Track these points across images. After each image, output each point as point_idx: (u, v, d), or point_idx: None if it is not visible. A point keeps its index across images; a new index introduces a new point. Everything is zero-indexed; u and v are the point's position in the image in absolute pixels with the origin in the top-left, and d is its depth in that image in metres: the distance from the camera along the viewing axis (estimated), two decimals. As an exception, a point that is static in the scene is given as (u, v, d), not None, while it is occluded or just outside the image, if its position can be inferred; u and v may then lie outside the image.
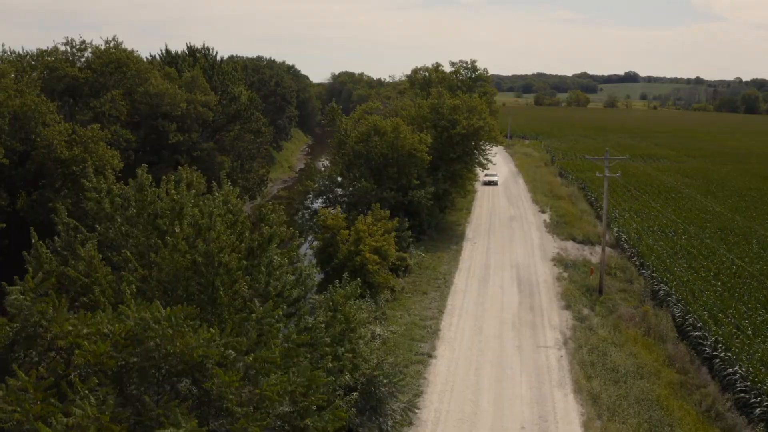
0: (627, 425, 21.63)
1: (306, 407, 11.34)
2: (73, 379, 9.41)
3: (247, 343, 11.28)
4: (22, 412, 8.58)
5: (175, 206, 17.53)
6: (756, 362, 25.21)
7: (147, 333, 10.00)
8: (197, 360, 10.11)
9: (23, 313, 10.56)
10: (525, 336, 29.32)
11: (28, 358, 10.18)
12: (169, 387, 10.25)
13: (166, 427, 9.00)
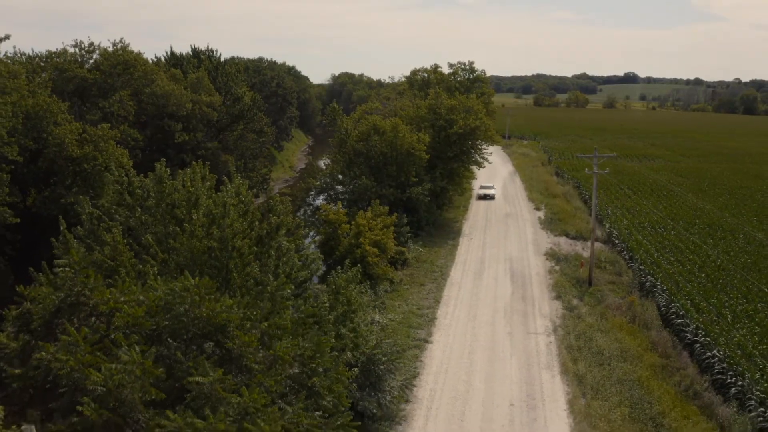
0: (609, 402, 23.27)
1: (313, 369, 12.95)
2: (115, 336, 11.02)
3: (261, 313, 12.88)
4: (75, 361, 10.17)
5: (191, 197, 19.14)
6: (733, 346, 26.83)
7: (177, 300, 11.60)
8: (221, 323, 11.71)
9: (68, 284, 12.18)
10: (516, 323, 30.94)
11: (71, 323, 11.75)
12: (195, 347, 11.84)
13: (195, 376, 10.61)
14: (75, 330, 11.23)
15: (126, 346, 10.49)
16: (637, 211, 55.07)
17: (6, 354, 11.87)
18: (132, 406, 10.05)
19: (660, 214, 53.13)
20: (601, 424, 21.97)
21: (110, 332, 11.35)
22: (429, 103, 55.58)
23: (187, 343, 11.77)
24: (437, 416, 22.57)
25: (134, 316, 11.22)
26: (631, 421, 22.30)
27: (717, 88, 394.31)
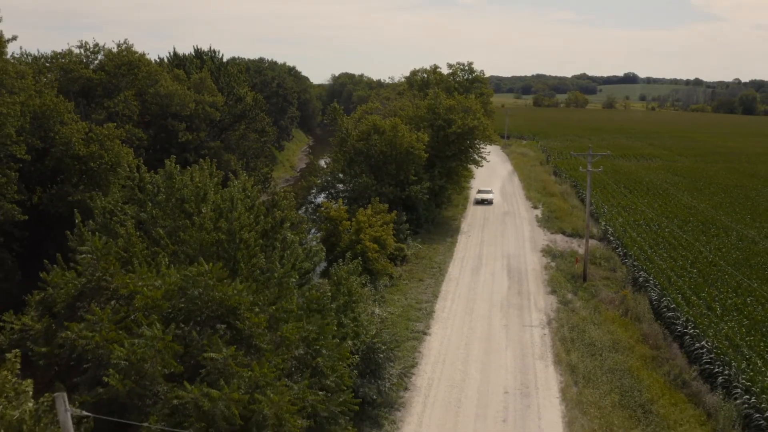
0: (600, 390, 24.21)
1: (317, 350, 13.86)
2: (137, 316, 11.93)
3: (269, 298, 13.79)
4: (99, 337, 11.08)
5: (200, 192, 20.07)
6: (722, 338, 27.77)
7: (192, 284, 12.53)
8: (233, 305, 12.63)
9: (90, 269, 13.09)
10: (512, 316, 31.87)
11: (92, 306, 12.66)
12: (209, 328, 12.74)
13: (209, 352, 11.52)
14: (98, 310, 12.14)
15: (146, 325, 11.41)
16: (633, 209, 56.00)
17: (31, 335, 12.78)
18: (153, 379, 10.97)
19: (655, 213, 54.08)
20: (592, 410, 22.89)
21: (130, 313, 12.27)
22: (428, 103, 56.50)
23: (201, 324, 12.68)
24: (434, 403, 23.50)
25: (153, 298, 12.15)
26: (620, 407, 23.23)
27: (717, 88, 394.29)
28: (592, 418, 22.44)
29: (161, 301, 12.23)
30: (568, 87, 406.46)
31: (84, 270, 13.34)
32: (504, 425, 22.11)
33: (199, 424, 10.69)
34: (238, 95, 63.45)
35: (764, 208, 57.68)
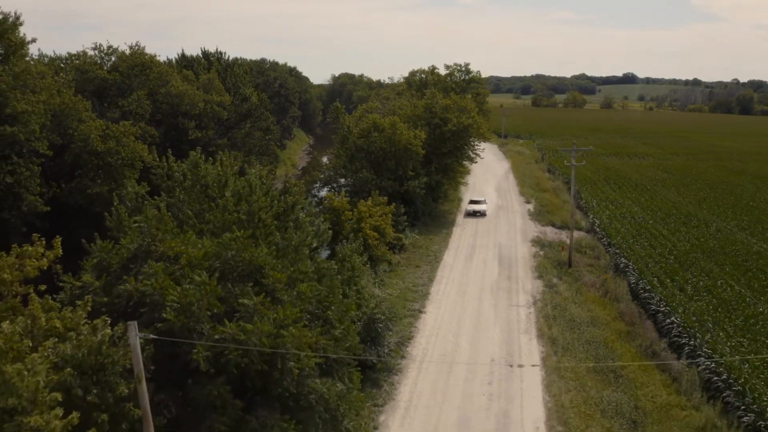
0: (576, 358, 27.05)
1: (327, 305, 16.67)
2: (184, 270, 14.69)
3: (288, 262, 16.59)
4: (155, 284, 13.85)
5: (221, 178, 22.89)
6: (690, 314, 30.60)
7: (226, 248, 15.32)
8: (260, 264, 15.41)
9: (142, 234, 15.89)
10: (501, 298, 34.71)
11: (150, 262, 15.40)
12: (240, 283, 15.48)
13: (242, 299, 14.31)
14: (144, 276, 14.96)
15: (193, 276, 14.21)
16: (620, 204, 58.85)
17: (91, 290, 15.54)
18: (199, 318, 13.72)
19: (640, 207, 56.95)
20: (568, 374, 25.72)
21: (177, 270, 15.02)
22: (425, 102, 59.34)
23: (234, 280, 15.44)
24: (428, 369, 26.33)
25: (196, 257, 14.91)
26: (594, 372, 26.05)
27: (715, 88, 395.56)
28: (567, 381, 25.26)
29: (202, 261, 14.99)
30: (567, 87, 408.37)
31: (136, 237, 16.13)
32: (489, 387, 24.93)
33: (236, 353, 13.46)
34: (244, 95, 66.30)
35: (746, 202, 60.55)
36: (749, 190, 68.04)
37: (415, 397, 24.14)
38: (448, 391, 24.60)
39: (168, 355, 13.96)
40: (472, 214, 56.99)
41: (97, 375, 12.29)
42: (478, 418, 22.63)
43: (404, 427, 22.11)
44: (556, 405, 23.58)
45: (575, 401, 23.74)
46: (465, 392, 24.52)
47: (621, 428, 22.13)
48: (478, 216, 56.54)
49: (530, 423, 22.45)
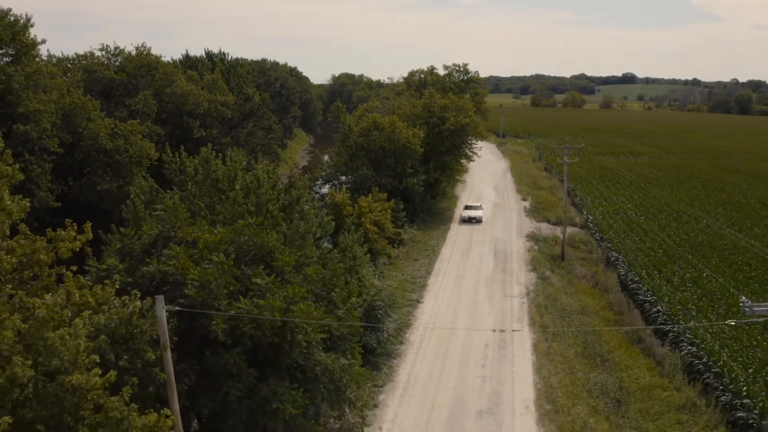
0: (566, 344, 28.54)
1: (331, 287, 18.16)
2: (203, 253, 16.17)
3: (295, 247, 18.07)
4: (177, 264, 15.34)
5: (231, 173, 24.36)
6: (675, 303, 32.09)
7: (239, 233, 16.81)
8: (270, 248, 16.90)
9: (162, 222, 17.37)
10: (496, 289, 36.21)
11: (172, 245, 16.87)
12: (253, 265, 16.95)
13: (255, 278, 15.79)
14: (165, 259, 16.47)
15: (211, 257, 15.72)
16: (613, 201, 60.35)
17: (115, 272, 17.01)
18: (217, 295, 15.18)
19: (633, 203, 58.47)
20: (558, 358, 27.22)
21: (195, 253, 16.49)
22: (424, 102, 60.87)
23: (247, 263, 16.92)
24: (425, 353, 27.83)
25: (213, 242, 16.39)
26: (582, 357, 27.55)
27: (715, 88, 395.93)
28: (557, 364, 26.76)
29: (218, 245, 16.45)
30: (567, 87, 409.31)
31: (157, 224, 17.61)
32: (483, 369, 26.43)
33: (251, 326, 14.92)
34: (247, 95, 67.81)
35: (737, 200, 62.06)
36: (741, 188, 69.55)
37: (413, 379, 25.64)
38: (443, 374, 26.08)
39: (188, 329, 15.42)
40: (467, 221, 53.81)
41: (127, 343, 13.77)
42: (471, 398, 24.13)
43: (402, 405, 23.61)
44: (545, 386, 25.08)
45: (563, 382, 25.22)
46: (460, 374, 26.01)
47: (605, 406, 23.61)
48: (473, 223, 53.56)
49: (520, 401, 23.95)
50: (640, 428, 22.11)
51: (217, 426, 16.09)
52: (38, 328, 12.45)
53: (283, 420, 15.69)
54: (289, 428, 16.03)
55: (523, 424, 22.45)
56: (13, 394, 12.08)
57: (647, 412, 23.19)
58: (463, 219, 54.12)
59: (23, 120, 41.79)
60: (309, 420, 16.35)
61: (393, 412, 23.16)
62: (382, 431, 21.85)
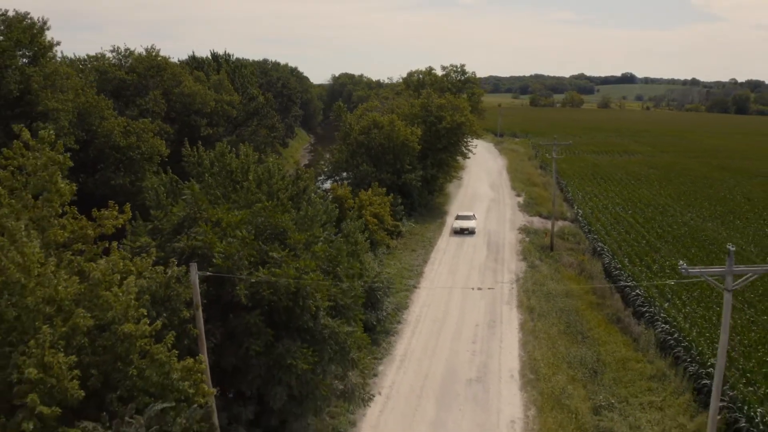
0: (550, 323, 31.07)
1: (336, 264, 20.68)
2: (226, 230, 18.66)
3: (304, 227, 20.58)
4: (205, 239, 17.86)
5: (244, 165, 26.86)
6: (653, 288, 34.61)
7: (256, 215, 19.32)
8: (284, 228, 19.40)
9: (189, 204, 19.89)
10: (488, 276, 38.76)
11: (191, 230, 19.36)
12: (269, 242, 19.42)
13: (271, 252, 18.29)
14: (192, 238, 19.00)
15: (235, 233, 18.28)
16: (604, 196, 62.91)
17: (146, 249, 19.49)
18: (239, 265, 17.67)
19: (622, 199, 61.05)
20: (542, 335, 29.74)
21: (219, 231, 18.99)
22: (421, 101, 63.42)
23: (264, 240, 19.40)
24: (421, 331, 30.37)
25: (234, 221, 18.90)
26: (565, 334, 30.07)
27: (714, 88, 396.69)
28: (541, 341, 29.28)
29: (239, 224, 18.94)
30: (566, 87, 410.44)
31: (184, 207, 20.13)
32: (473, 345, 28.96)
33: (269, 291, 17.41)
34: (252, 95, 70.36)
35: (722, 195, 64.65)
36: (728, 185, 72.10)
37: (409, 353, 28.18)
38: (437, 348, 28.61)
39: (214, 296, 17.88)
40: (459, 232, 49.52)
41: (165, 304, 16.23)
42: (462, 368, 26.65)
43: (399, 374, 26.15)
44: (529, 358, 27.61)
45: (546, 356, 27.74)
46: (452, 349, 28.54)
47: (583, 376, 26.13)
48: (465, 234, 49.04)
49: (506, 371, 26.47)
50: (613, 393, 24.62)
51: (239, 380, 18.60)
52: (93, 287, 14.98)
53: (295, 375, 18.21)
54: (300, 383, 18.55)
55: (508, 390, 24.97)
56: (75, 341, 14.60)
57: (620, 381, 25.71)
58: (455, 230, 50.20)
59: (42, 118, 44.30)
60: (317, 376, 18.84)
61: (391, 380, 25.70)
62: (381, 395, 24.38)
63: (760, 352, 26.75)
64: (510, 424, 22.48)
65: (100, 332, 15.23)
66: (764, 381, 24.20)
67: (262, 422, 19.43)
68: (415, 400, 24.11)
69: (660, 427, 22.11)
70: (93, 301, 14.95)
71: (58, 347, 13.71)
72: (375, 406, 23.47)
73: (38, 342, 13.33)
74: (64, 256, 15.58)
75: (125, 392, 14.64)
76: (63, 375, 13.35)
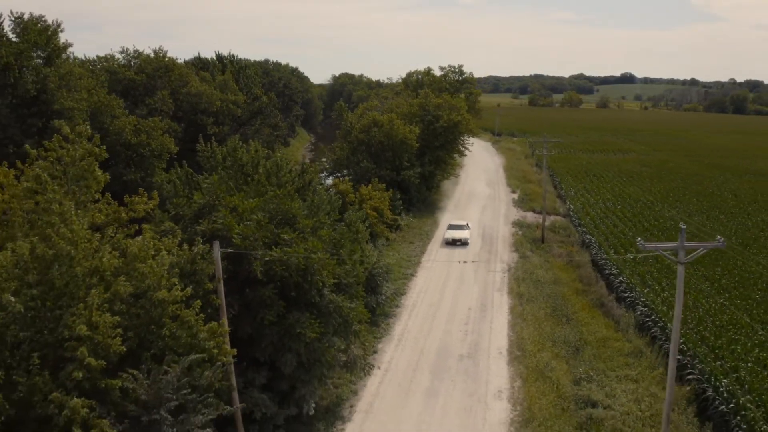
0: (537, 307, 33.38)
1: (340, 246, 22.99)
2: (243, 215, 20.97)
3: (311, 214, 22.91)
4: (225, 222, 20.19)
5: (254, 159, 29.14)
6: (635, 275, 36.92)
7: (269, 202, 21.63)
8: (294, 214, 21.70)
9: (208, 192, 22.19)
10: (481, 265, 41.05)
11: (210, 215, 21.64)
12: (280, 227, 21.70)
13: (283, 234, 20.61)
14: (213, 222, 21.31)
15: (252, 217, 20.61)
16: (595, 192, 65.28)
17: (171, 232, 21.79)
18: (255, 245, 19.97)
19: (612, 195, 63.39)
20: (530, 318, 32.05)
21: (236, 216, 21.29)
22: (419, 101, 65.74)
23: (276, 225, 21.69)
24: (417, 314, 32.68)
25: (250, 208, 21.21)
26: (551, 317, 32.38)
27: (713, 88, 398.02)
28: (529, 323, 31.59)
29: (254, 210, 21.24)
30: (566, 87, 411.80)
31: (206, 194, 22.47)
32: (465, 326, 31.27)
33: (281, 268, 19.72)
34: (255, 94, 72.67)
35: (710, 191, 67.01)
36: (718, 181, 74.46)
37: (407, 333, 30.50)
38: (432, 329, 30.93)
39: (232, 273, 20.18)
40: (451, 243, 45.39)
41: (191, 277, 18.51)
42: (455, 346, 28.97)
43: (397, 351, 28.46)
44: (516, 338, 29.92)
45: (532, 335, 30.04)
46: (446, 330, 30.86)
47: (566, 353, 28.44)
48: (458, 245, 45.05)
49: (495, 349, 28.79)
50: (593, 367, 26.92)
51: (253, 349, 20.89)
52: (131, 261, 17.28)
53: (304, 343, 20.51)
54: (308, 350, 20.84)
55: (496, 365, 27.28)
56: (115, 307, 16.89)
57: (600, 357, 28.02)
58: (446, 241, 45.91)
59: (57, 116, 46.59)
60: (323, 344, 21.13)
61: (389, 356, 28.01)
62: (381, 369, 26.69)
63: (730, 332, 29.05)
64: (497, 393, 24.78)
65: (136, 300, 17.53)
66: (731, 356, 26.53)
67: (273, 387, 21.71)
68: (411, 372, 26.42)
69: (634, 396, 24.38)
70: (130, 272, 17.26)
71: (103, 310, 16.00)
72: (375, 378, 25.80)
73: (87, 304, 15.63)
74: (105, 234, 17.88)
75: (158, 351, 16.95)
76: (107, 333, 15.64)
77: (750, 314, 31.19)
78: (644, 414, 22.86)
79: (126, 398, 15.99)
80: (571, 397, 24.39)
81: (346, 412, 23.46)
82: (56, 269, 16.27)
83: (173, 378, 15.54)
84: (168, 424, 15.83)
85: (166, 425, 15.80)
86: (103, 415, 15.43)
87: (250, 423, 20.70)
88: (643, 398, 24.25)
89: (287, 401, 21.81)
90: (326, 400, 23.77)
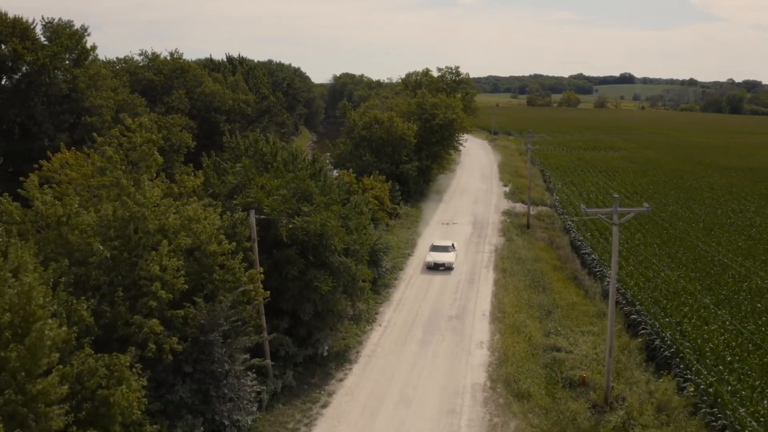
0: (518, 279, 38.26)
1: (348, 219, 27.90)
2: (270, 191, 25.84)
3: (324, 193, 27.83)
4: (257, 196, 25.09)
5: (273, 149, 34.02)
6: (605, 253, 41.78)
7: (290, 182, 26.55)
8: (311, 191, 26.62)
9: (240, 174, 27.10)
10: (471, 247, 45.96)
11: (242, 193, 26.52)
12: (300, 202, 26.56)
13: (303, 207, 25.49)
14: (246, 200, 26.23)
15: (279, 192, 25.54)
16: (581, 186, 70.18)
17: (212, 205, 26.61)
18: (281, 214, 24.85)
19: (596, 188, 68.23)
20: (511, 288, 36.95)
21: (264, 192, 26.19)
22: (417, 100, 70.66)
23: (297, 200, 26.58)
24: (413, 285, 37.58)
25: (276, 186, 26.11)
26: (529, 287, 37.26)
27: (711, 88, 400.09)
28: (510, 292, 36.46)
29: (279, 187, 26.11)
30: (565, 87, 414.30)
31: (239, 174, 27.39)
32: (455, 294, 36.16)
33: (302, 233, 24.60)
34: (264, 94, 77.62)
35: (689, 185, 71.92)
36: (699, 177, 79.32)
37: (404, 299, 35.40)
38: (426, 296, 35.83)
39: (262, 237, 25.06)
40: (433, 268, 40.09)
41: (232, 237, 23.38)
42: (445, 309, 33.86)
43: (396, 313, 33.35)
44: (498, 303, 34.80)
45: (512, 301, 34.91)
46: (438, 297, 35.75)
47: (539, 314, 33.31)
48: (441, 270, 39.96)
49: (479, 312, 33.67)
50: (561, 325, 31.77)
51: (278, 301, 25.75)
52: (188, 221, 22.16)
53: (320, 294, 25.40)
54: (323, 301, 25.74)
55: (480, 324, 32.15)
56: (179, 258, 21.76)
57: (568, 317, 32.88)
58: (428, 266, 40.40)
59: (87, 113, 51.45)
60: (335, 297, 26.02)
61: (388, 317, 32.90)
62: (381, 326, 31.58)
63: (681, 297, 33.94)
64: (479, 344, 29.66)
65: (191, 253, 22.39)
66: (678, 315, 31.39)
67: (293, 333, 26.59)
68: (407, 329, 31.31)
69: (593, 345, 29.22)
70: (188, 231, 22.13)
71: (169, 257, 20.86)
72: (376, 333, 30.71)
73: (159, 252, 20.50)
74: (166, 201, 22.79)
75: (209, 292, 21.82)
76: (173, 274, 20.50)
77: (701, 284, 36.09)
78: (599, 356, 27.68)
79: (186, 325, 20.84)
80: (540, 346, 29.25)
81: (352, 356, 28.33)
82: (131, 227, 21.15)
83: (225, 307, 20.41)
84: (218, 345, 20.69)
85: (217, 346, 20.67)
86: (170, 336, 20.31)
87: (276, 359, 25.58)
88: (599, 345, 29.07)
89: (305, 344, 26.71)
90: (336, 347, 28.63)
